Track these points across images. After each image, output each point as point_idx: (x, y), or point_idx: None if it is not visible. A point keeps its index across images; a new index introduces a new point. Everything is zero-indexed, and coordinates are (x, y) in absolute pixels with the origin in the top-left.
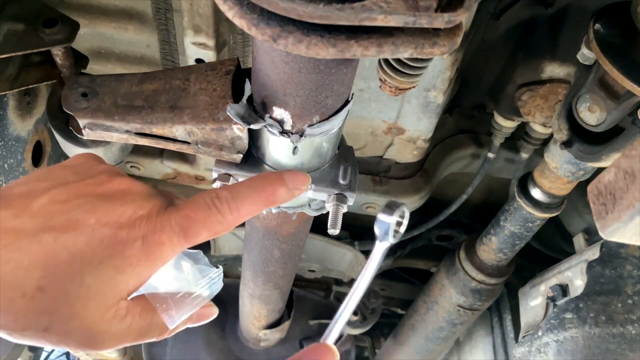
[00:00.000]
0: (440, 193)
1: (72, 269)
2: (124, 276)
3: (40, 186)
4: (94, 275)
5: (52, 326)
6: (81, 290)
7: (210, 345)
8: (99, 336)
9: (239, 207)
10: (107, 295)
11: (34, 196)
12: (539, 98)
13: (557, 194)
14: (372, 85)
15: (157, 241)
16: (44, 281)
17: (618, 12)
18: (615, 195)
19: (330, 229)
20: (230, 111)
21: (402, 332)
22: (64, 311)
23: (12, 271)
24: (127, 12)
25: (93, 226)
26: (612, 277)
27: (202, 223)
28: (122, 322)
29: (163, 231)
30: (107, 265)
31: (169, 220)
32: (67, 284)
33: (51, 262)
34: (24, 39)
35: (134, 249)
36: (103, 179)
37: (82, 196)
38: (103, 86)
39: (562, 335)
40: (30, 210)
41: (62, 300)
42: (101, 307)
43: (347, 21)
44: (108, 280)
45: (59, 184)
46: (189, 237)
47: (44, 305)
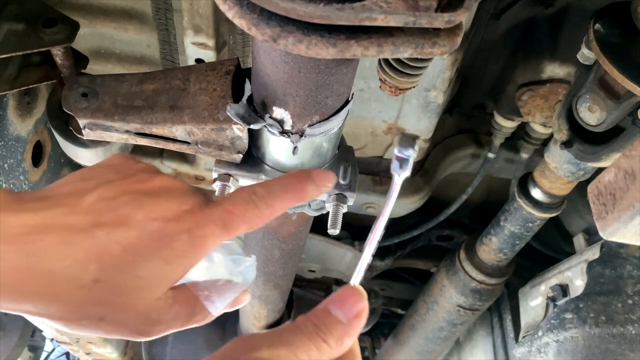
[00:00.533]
0: (440, 193)
1: (124, 261)
2: (171, 267)
3: (86, 185)
4: (145, 267)
5: (108, 315)
6: (134, 281)
7: (210, 345)
8: (151, 324)
9: (274, 202)
10: (157, 285)
11: (82, 194)
12: (539, 98)
13: (557, 194)
14: (372, 85)
15: (201, 234)
16: (99, 273)
17: (618, 12)
18: (616, 196)
19: (330, 229)
20: (230, 111)
21: (402, 332)
22: (118, 301)
23: (70, 265)
24: (127, 12)
25: (142, 221)
26: (612, 277)
27: (241, 217)
28: (170, 310)
29: (207, 225)
30: (157, 257)
31: (211, 215)
32: (121, 275)
33: (105, 256)
34: (23, 39)
35: (181, 241)
36: (145, 177)
37: (128, 193)
38: (103, 86)
39: (562, 336)
40: (81, 208)
41: (117, 291)
42: (152, 295)
43: (347, 21)
44: (158, 271)
45: (103, 182)
46: (229, 230)
47: (100, 296)
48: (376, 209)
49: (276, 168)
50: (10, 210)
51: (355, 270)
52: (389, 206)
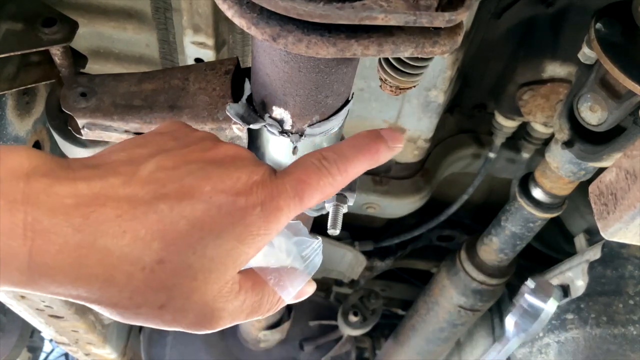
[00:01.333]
0: (441, 193)
1: (192, 239)
2: (244, 246)
3: (141, 152)
4: (216, 246)
5: (170, 302)
6: (204, 262)
7: (209, 346)
8: (217, 313)
9: (347, 167)
10: (229, 267)
11: (138, 163)
12: (540, 97)
13: (558, 194)
14: (373, 84)
15: (275, 207)
16: (163, 253)
17: (619, 11)
18: (617, 196)
19: (330, 229)
20: (229, 111)
21: (402, 333)
22: (184, 285)
23: (130, 243)
24: (126, 12)
25: (210, 193)
26: (613, 278)
27: (315, 186)
28: (237, 297)
29: (280, 196)
30: (228, 234)
31: (283, 185)
32: (188, 255)
33: (170, 233)
34: (22, 39)
35: (254, 216)
36: (208, 144)
37: (191, 162)
38: (102, 86)
39: (563, 336)
40: (140, 178)
41: (184, 273)
42: (222, 280)
43: (347, 20)
44: (230, 251)
45: (161, 150)
46: (304, 201)
47: (164, 279)
48: (376, 209)
49: (276, 168)
50: (58, 177)
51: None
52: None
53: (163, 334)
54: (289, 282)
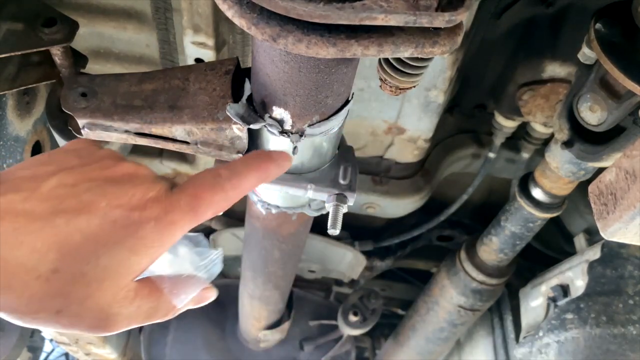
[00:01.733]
0: (440, 193)
1: (86, 250)
2: (137, 257)
3: (45, 170)
4: (109, 256)
5: (66, 308)
6: (96, 271)
7: (209, 346)
8: (112, 318)
9: (240, 183)
10: (121, 275)
11: (41, 180)
12: (540, 97)
13: (558, 194)
14: (373, 84)
15: (169, 221)
16: (58, 263)
17: (619, 11)
18: (617, 195)
19: (330, 229)
20: (229, 111)
21: (402, 333)
22: (78, 292)
23: (26, 254)
24: (127, 12)
25: (105, 209)
26: (613, 278)
27: (209, 201)
28: (132, 303)
29: (174, 212)
30: (121, 246)
31: (178, 201)
32: (82, 265)
33: (65, 245)
34: (23, 39)
35: (147, 230)
36: (108, 163)
37: (90, 180)
38: (102, 86)
39: (563, 336)
40: (40, 194)
41: (77, 281)
42: (115, 287)
43: (347, 20)
44: (123, 261)
45: (64, 168)
46: (198, 216)
47: (59, 287)
48: (376, 209)
49: None
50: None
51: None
52: None
53: (163, 333)
54: (183, 291)
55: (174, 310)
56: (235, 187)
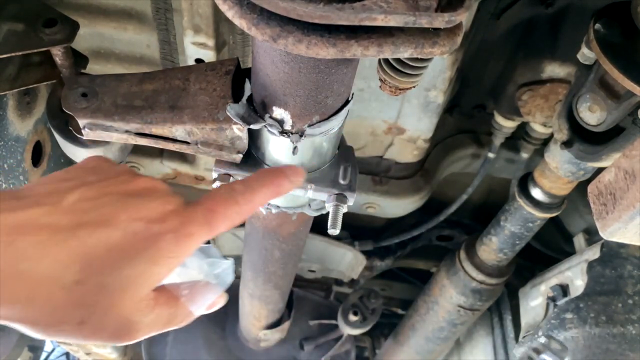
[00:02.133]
0: (440, 193)
1: (109, 261)
2: (157, 267)
3: (65, 185)
4: (131, 267)
5: (89, 318)
6: (119, 281)
7: (210, 346)
8: (133, 326)
9: (253, 198)
10: (142, 285)
11: (62, 194)
12: (539, 98)
13: (558, 194)
14: (372, 85)
15: (186, 234)
16: (82, 274)
17: (618, 11)
18: (616, 196)
19: (330, 229)
20: (230, 111)
21: (402, 333)
22: (102, 303)
23: (50, 265)
24: (127, 12)
25: (126, 221)
26: (612, 277)
27: (223, 215)
28: (153, 311)
29: (192, 224)
30: (142, 257)
31: (195, 213)
32: (105, 276)
33: (89, 256)
34: (23, 39)
35: (166, 241)
36: (126, 178)
37: (110, 194)
38: (103, 86)
39: (562, 335)
40: (62, 207)
41: (101, 292)
42: (136, 297)
43: (347, 21)
44: (143, 272)
45: (83, 183)
46: (213, 229)
47: (82, 298)
48: (376, 209)
49: None
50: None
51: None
52: None
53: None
54: (199, 298)
55: (190, 317)
56: (249, 201)
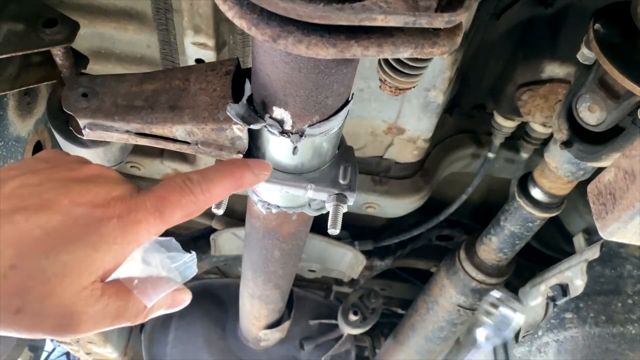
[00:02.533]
0: (440, 193)
1: (46, 245)
2: (99, 254)
3: (10, 173)
4: (69, 252)
5: (25, 307)
6: (56, 267)
7: (210, 345)
8: (76, 316)
9: (210, 188)
10: (83, 272)
11: (4, 181)
12: (539, 98)
13: (557, 193)
14: (372, 85)
15: (133, 220)
16: (16, 259)
17: (618, 11)
18: (615, 195)
19: (330, 229)
20: (230, 111)
21: (402, 332)
22: (38, 289)
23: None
24: (127, 12)
25: (67, 206)
26: (612, 277)
27: (176, 204)
28: (98, 302)
29: (139, 211)
30: (83, 242)
31: (144, 201)
32: (41, 260)
33: (24, 240)
34: (24, 39)
35: (110, 227)
36: (74, 166)
37: (54, 180)
38: (103, 86)
39: (562, 335)
40: (2, 194)
41: (37, 277)
42: (77, 284)
43: (347, 21)
44: (84, 257)
45: (29, 171)
46: (164, 218)
47: (17, 284)
48: (376, 208)
49: (276, 168)
50: None
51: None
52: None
53: (164, 333)
54: (152, 290)
55: (144, 312)
56: (205, 191)
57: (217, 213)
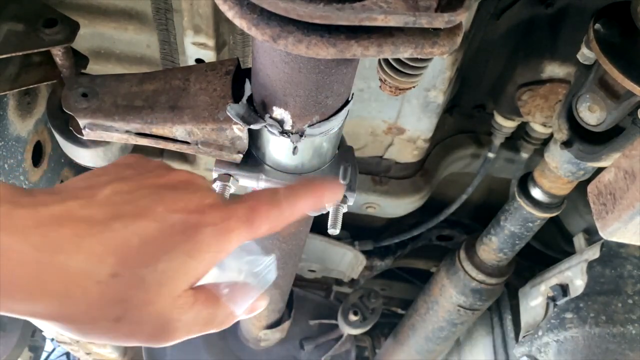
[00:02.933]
0: (440, 193)
1: (145, 254)
2: (194, 261)
3: (100, 180)
4: (167, 260)
5: (125, 315)
6: (155, 275)
7: (210, 345)
8: (172, 324)
9: (295, 203)
10: (179, 280)
11: (97, 188)
12: (539, 98)
13: (557, 193)
14: (372, 85)
15: (226, 228)
16: (117, 267)
17: (618, 11)
18: (615, 195)
19: (330, 229)
20: (230, 111)
21: (402, 332)
22: (138, 297)
23: (85, 259)
24: (127, 12)
25: (162, 213)
26: (612, 277)
27: (265, 215)
28: (191, 309)
29: (231, 219)
30: (180, 250)
31: (235, 210)
32: (141, 269)
33: (124, 249)
34: (24, 39)
35: (205, 234)
36: (162, 172)
37: (145, 187)
38: (103, 86)
39: (562, 335)
40: (97, 201)
41: (137, 286)
42: (174, 293)
43: (347, 21)
44: (181, 265)
45: (118, 178)
46: (254, 227)
47: (119, 292)
48: (376, 208)
49: (276, 168)
50: (20, 203)
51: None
52: None
53: None
54: (240, 297)
55: (231, 318)
56: (291, 205)
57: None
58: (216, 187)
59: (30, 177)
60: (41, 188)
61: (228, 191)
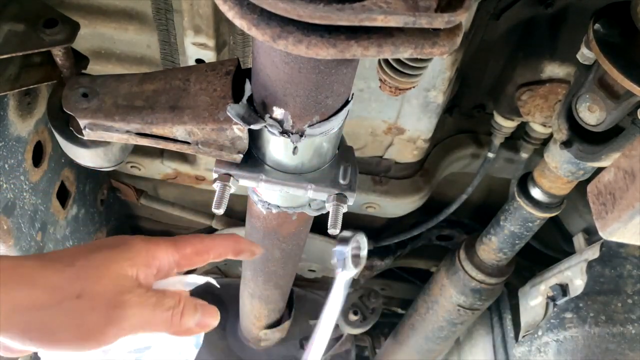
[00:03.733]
0: (440, 193)
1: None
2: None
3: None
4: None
5: (84, 290)
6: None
7: (210, 345)
8: (123, 296)
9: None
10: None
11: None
12: (539, 98)
13: (557, 193)
14: (372, 85)
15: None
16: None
17: (618, 11)
18: (615, 195)
19: (330, 229)
20: (230, 111)
21: (402, 332)
22: (91, 274)
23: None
24: (128, 13)
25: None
26: (612, 277)
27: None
28: (138, 288)
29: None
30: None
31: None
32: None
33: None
34: (24, 40)
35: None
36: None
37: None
38: (103, 86)
39: (562, 335)
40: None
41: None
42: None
43: (347, 21)
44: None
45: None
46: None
47: (77, 273)
48: (376, 208)
49: (276, 168)
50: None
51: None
52: (334, 305)
53: None
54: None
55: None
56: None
57: (218, 213)
58: (216, 187)
59: (31, 177)
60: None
61: (228, 191)
